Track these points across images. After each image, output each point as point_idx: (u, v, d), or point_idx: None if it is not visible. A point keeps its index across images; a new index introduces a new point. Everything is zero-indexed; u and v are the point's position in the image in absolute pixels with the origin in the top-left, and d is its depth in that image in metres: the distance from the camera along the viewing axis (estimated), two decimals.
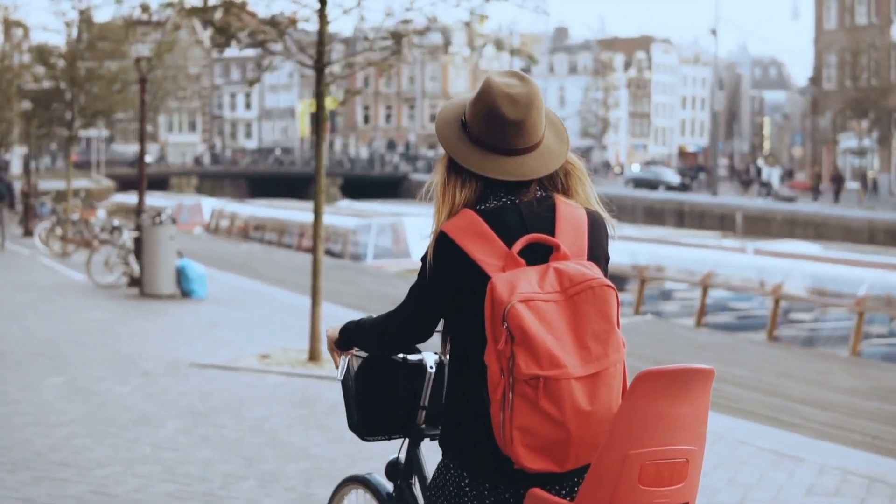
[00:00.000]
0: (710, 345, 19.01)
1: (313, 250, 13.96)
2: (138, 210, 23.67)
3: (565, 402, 3.22)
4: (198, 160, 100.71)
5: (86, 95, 31.25)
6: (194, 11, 14.18)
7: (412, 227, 35.61)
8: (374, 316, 3.88)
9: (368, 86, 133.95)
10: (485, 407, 3.35)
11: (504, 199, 3.48)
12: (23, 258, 29.54)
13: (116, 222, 30.61)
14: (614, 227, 3.64)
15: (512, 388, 3.22)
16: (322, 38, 13.86)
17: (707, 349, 18.26)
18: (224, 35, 14.05)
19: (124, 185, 73.12)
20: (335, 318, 16.08)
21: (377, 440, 4.27)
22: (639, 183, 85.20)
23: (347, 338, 3.99)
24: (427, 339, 3.72)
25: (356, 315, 4.91)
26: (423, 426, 4.21)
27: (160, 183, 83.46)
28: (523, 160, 3.50)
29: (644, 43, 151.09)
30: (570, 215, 3.50)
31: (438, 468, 3.58)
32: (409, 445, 4.25)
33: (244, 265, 30.12)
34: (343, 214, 39.20)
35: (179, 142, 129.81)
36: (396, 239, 35.62)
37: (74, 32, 30.43)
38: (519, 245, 3.37)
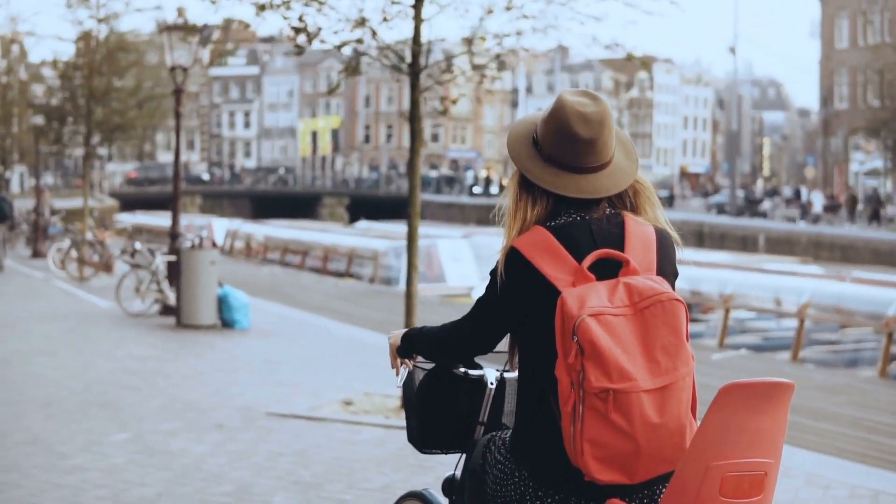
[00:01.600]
0: (831, 385, 16.93)
1: (408, 283, 12.01)
2: (173, 232, 21.68)
3: (635, 415, 3.24)
4: (201, 179, 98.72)
5: (103, 109, 29.25)
6: (267, 7, 12.20)
7: (446, 249, 33.72)
8: (438, 325, 3.89)
9: (369, 105, 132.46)
10: (554, 420, 3.39)
11: (574, 216, 3.53)
12: (38, 282, 27.58)
13: (139, 245, 28.77)
14: (681, 246, 3.67)
15: (582, 401, 3.26)
16: (417, 38, 11.92)
17: (836, 392, 16.33)
18: (305, 34, 12.09)
19: (126, 204, 71.18)
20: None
21: (434, 453, 4.27)
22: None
23: (410, 345, 4.00)
24: (489, 351, 3.75)
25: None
26: None
27: (163, 202, 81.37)
28: (595, 178, 3.56)
29: (646, 63, 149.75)
30: (640, 232, 3.54)
31: (502, 472, 3.59)
32: (466, 460, 4.10)
33: (274, 290, 28.22)
34: (370, 236, 37.25)
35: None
36: (430, 262, 33.62)
37: (93, 42, 28.41)
38: (589, 260, 3.42)
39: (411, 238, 11.96)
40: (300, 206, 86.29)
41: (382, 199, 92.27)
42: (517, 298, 3.51)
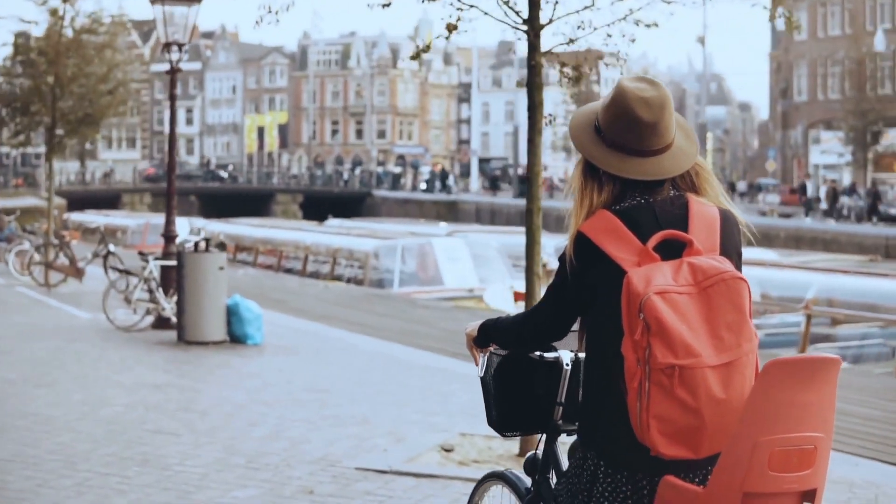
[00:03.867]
0: None
1: (527, 283, 9.41)
2: (167, 234, 18.87)
3: (700, 391, 3.31)
4: (149, 177, 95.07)
5: (71, 97, 26.25)
6: None
7: (443, 249, 31.05)
8: (512, 315, 4.17)
9: (315, 101, 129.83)
10: (621, 397, 3.44)
11: (639, 199, 3.62)
12: (0, 289, 24.61)
13: (113, 247, 25.91)
14: (745, 225, 3.74)
15: (648, 378, 3.33)
16: None
17: None
18: None
19: (73, 203, 67.87)
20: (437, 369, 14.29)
21: (515, 436, 4.45)
22: None
23: (486, 335, 4.15)
24: (565, 335, 3.86)
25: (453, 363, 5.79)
26: (560, 422, 4.25)
27: (110, 201, 78.15)
28: (658, 160, 3.65)
29: (591, 57, 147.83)
30: (703, 213, 3.62)
31: (576, 458, 3.70)
32: (547, 441, 4.30)
33: (261, 296, 25.22)
34: (355, 235, 34.41)
35: (119, 158, 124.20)
36: (424, 263, 30.99)
37: (60, 24, 25.44)
38: (653, 241, 3.50)
39: (531, 236, 9.34)
40: (251, 203, 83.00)
41: (337, 196, 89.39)
42: (586, 281, 3.58)
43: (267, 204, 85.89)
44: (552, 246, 33.58)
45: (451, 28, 9.54)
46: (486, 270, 30.63)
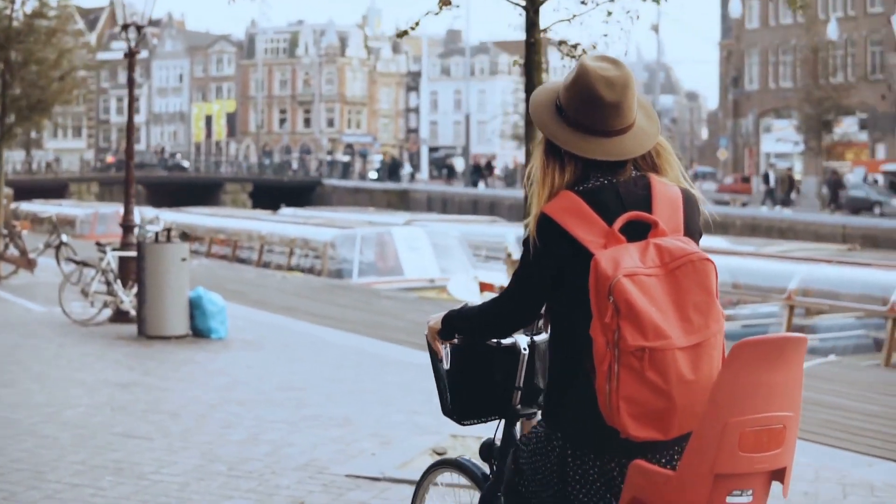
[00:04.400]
0: None
1: None
2: (125, 223, 18.14)
3: (670, 372, 3.29)
4: (97, 166, 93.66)
5: (22, 84, 25.34)
6: None
7: (402, 239, 30.38)
8: (473, 304, 4.00)
9: (262, 89, 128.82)
10: (588, 380, 3.44)
11: (602, 180, 3.58)
12: None
13: (66, 238, 25.15)
14: (705, 204, 3.71)
15: (618, 360, 3.30)
16: None
17: None
18: None
19: (19, 193, 66.60)
20: (412, 364, 13.76)
21: (473, 424, 4.33)
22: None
23: (451, 327, 4.02)
24: (535, 321, 3.90)
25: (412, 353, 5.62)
26: (519, 406, 4.24)
27: (58, 190, 76.83)
28: (620, 141, 3.61)
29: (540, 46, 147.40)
30: (666, 193, 3.58)
31: (537, 437, 3.66)
32: (506, 426, 4.25)
33: (219, 287, 24.46)
34: (315, 225, 33.66)
35: (64, 148, 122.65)
36: (383, 253, 30.33)
37: (12, 6, 24.53)
38: (619, 223, 3.47)
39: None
40: (199, 192, 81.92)
41: (286, 186, 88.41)
42: (551, 263, 3.54)
43: (215, 193, 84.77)
44: (513, 235, 33.10)
45: (444, 3, 8.95)
46: (447, 260, 30.00)
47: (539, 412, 4.16)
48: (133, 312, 16.93)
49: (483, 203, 72.15)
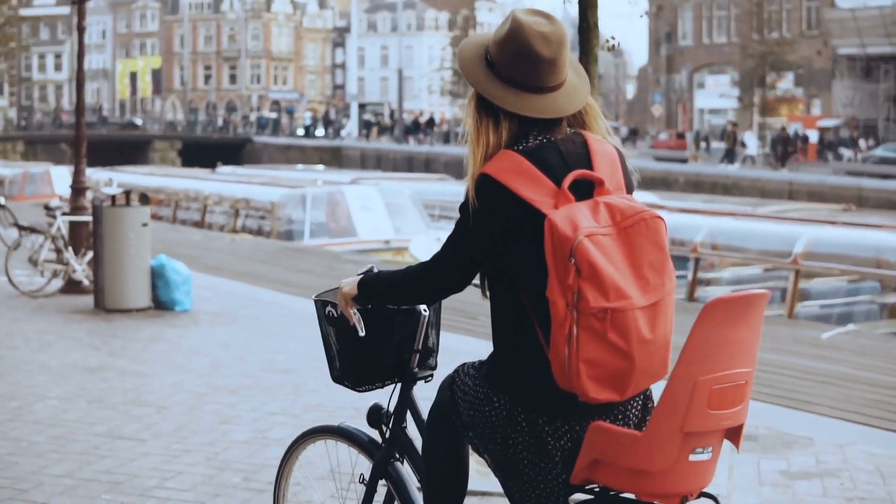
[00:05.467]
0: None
1: None
2: (77, 185, 16.60)
3: (631, 333, 3.25)
4: (22, 125, 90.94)
5: None
6: None
7: (355, 198, 28.97)
8: (398, 269, 3.78)
9: (185, 45, 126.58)
10: (536, 344, 3.40)
11: (541, 138, 3.50)
12: None
13: (3, 200, 23.49)
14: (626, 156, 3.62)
15: (577, 323, 3.23)
16: None
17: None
18: None
19: None
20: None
21: (370, 389, 4.18)
22: None
23: (370, 294, 3.81)
24: (465, 287, 3.63)
25: None
26: (416, 370, 4.11)
27: None
28: (553, 98, 3.51)
29: (468, 1, 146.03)
30: (604, 151, 3.53)
31: (475, 393, 3.56)
32: (402, 390, 4.13)
33: (168, 251, 23.10)
34: (260, 184, 32.14)
35: None
36: (335, 213, 28.92)
37: None
38: (567, 181, 3.39)
39: None
40: (126, 150, 79.81)
41: (216, 143, 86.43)
42: (495, 226, 3.43)
43: (144, 151, 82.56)
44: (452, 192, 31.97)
45: None
46: (401, 220, 28.66)
47: (433, 374, 4.20)
48: (87, 282, 15.54)
49: (418, 160, 70.93)
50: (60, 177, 45.29)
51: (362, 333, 3.97)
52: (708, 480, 3.41)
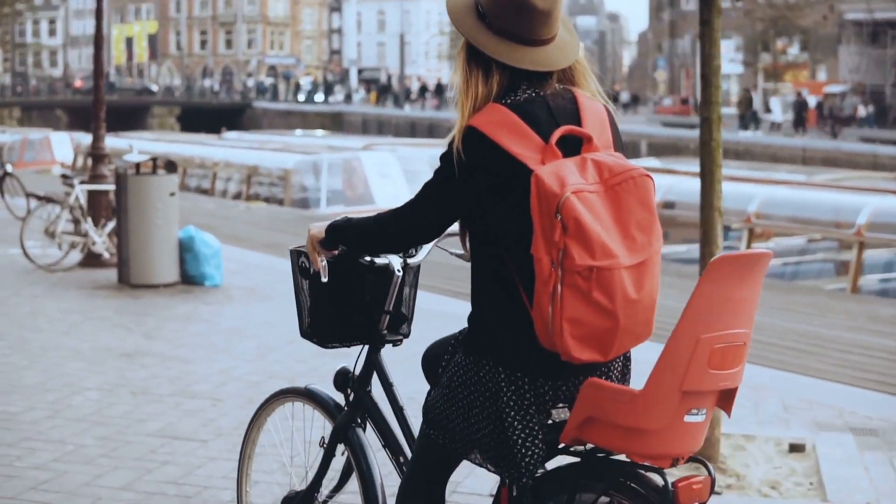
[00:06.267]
0: None
1: (705, 224, 6.79)
2: (96, 152, 15.53)
3: (616, 292, 3.16)
4: (18, 91, 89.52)
5: None
6: None
7: (372, 164, 27.99)
8: (369, 216, 3.68)
9: (180, 10, 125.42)
10: (519, 303, 3.30)
11: (530, 92, 3.40)
12: None
13: (10, 167, 22.54)
14: (618, 117, 3.54)
15: (562, 281, 3.14)
16: None
17: None
18: None
19: None
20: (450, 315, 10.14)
21: (336, 347, 4.10)
22: None
23: (336, 237, 3.71)
24: (435, 238, 3.58)
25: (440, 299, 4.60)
26: (385, 332, 4.04)
27: None
28: (545, 51, 3.43)
29: None
30: (593, 107, 3.45)
31: (463, 368, 3.43)
32: (370, 352, 4.08)
33: (180, 220, 22.22)
34: (273, 150, 31.10)
35: None
36: (351, 180, 27.94)
37: None
38: (555, 136, 3.30)
39: (707, 181, 6.74)
40: (125, 116, 78.55)
41: (215, 109, 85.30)
42: (479, 180, 3.32)
43: (142, 117, 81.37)
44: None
45: None
46: (419, 187, 27.66)
47: (402, 340, 4.14)
48: (107, 255, 14.60)
49: (421, 126, 70.03)
50: (61, 143, 44.31)
51: (325, 279, 3.84)
52: (699, 444, 3.28)
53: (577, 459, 3.43)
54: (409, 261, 4.03)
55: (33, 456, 6.61)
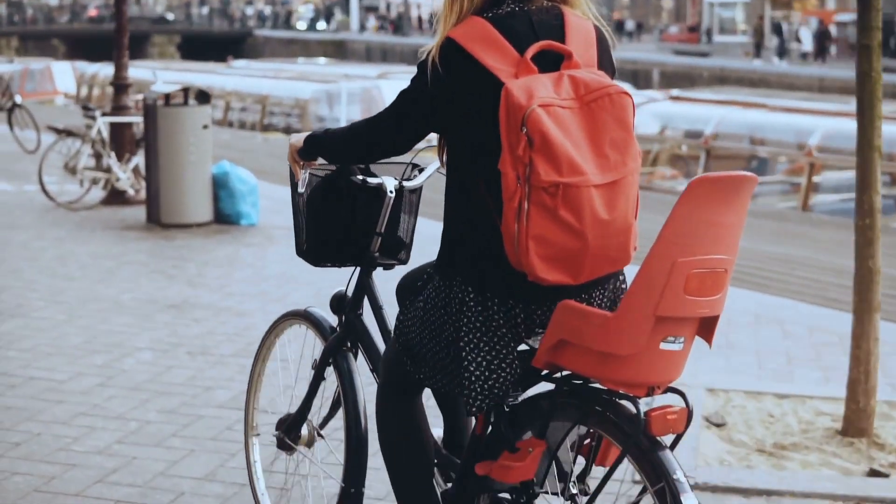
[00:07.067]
0: None
1: (863, 213, 5.81)
2: (118, 81, 14.48)
3: (585, 211, 3.06)
4: (15, 20, 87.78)
5: None
6: None
7: (391, 93, 26.90)
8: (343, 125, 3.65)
9: None
10: (490, 220, 3.21)
11: (513, 6, 3.29)
12: None
13: (20, 99, 21.53)
14: (616, 46, 3.43)
15: (528, 197, 3.05)
16: None
17: None
18: None
19: None
20: None
21: (327, 266, 4.07)
22: None
23: (314, 146, 3.70)
24: (408, 150, 3.50)
25: None
26: (377, 254, 4.00)
27: None
28: None
29: None
30: (580, 25, 3.33)
31: (433, 288, 3.36)
32: (361, 274, 4.03)
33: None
34: (288, 79, 30.03)
35: None
36: (371, 110, 26.92)
37: None
38: (531, 51, 3.19)
39: (866, 117, 5.83)
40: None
41: (217, 37, 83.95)
42: (453, 91, 3.22)
43: (142, 46, 79.91)
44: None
45: None
46: None
47: (395, 264, 4.08)
48: (131, 192, 13.69)
49: None
50: (62, 73, 43.20)
51: (301, 190, 3.85)
52: (677, 374, 3.13)
53: (552, 386, 3.31)
54: (406, 184, 3.94)
55: (92, 437, 5.70)
